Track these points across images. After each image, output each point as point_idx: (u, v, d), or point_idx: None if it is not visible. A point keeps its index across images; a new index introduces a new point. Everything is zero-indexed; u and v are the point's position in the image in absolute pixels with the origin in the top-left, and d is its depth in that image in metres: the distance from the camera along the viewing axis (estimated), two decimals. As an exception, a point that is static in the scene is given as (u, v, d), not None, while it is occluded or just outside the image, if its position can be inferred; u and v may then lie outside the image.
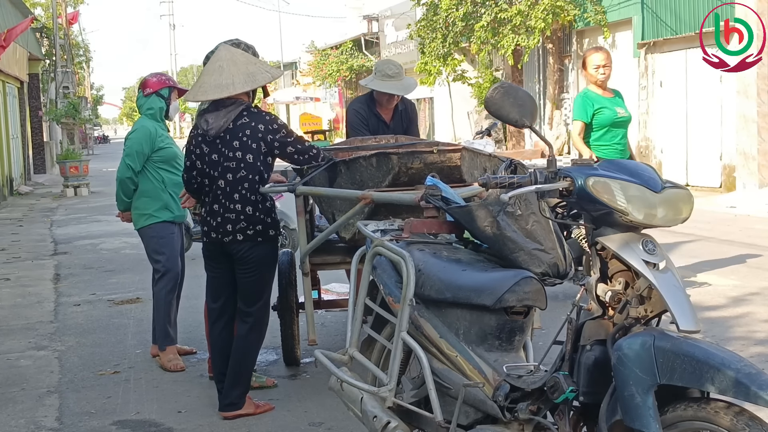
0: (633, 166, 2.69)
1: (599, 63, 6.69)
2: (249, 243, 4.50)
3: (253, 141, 4.44)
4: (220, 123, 4.45)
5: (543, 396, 2.76)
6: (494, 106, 2.92)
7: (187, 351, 5.85)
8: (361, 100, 6.21)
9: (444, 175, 4.13)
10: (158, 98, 5.67)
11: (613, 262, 2.64)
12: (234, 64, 4.48)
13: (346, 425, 4.30)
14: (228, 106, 4.46)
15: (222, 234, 4.52)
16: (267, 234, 4.54)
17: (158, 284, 5.68)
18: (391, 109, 6.12)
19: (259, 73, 4.52)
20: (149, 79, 5.75)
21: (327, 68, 36.47)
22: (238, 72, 4.45)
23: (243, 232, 4.49)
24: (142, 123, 5.67)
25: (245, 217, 4.48)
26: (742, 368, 2.32)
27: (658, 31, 16.95)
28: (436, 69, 21.70)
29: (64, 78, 34.85)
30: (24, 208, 17.77)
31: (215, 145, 4.48)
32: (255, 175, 4.47)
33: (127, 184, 5.61)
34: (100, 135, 71.82)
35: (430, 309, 3.08)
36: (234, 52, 4.57)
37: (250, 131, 4.44)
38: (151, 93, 5.67)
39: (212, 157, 4.50)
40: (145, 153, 5.58)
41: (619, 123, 6.76)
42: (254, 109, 4.53)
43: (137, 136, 5.61)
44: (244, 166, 4.44)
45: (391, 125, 6.10)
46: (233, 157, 4.45)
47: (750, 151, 14.20)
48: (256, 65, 4.55)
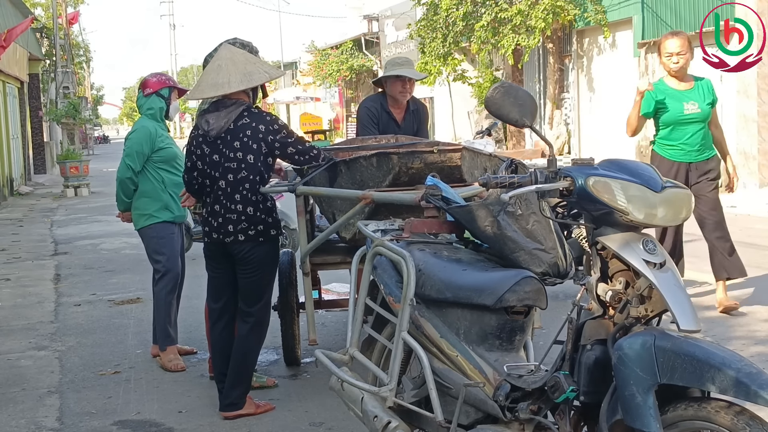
0: (633, 166, 2.69)
1: (672, 50, 6.00)
2: (250, 243, 4.50)
3: (253, 141, 4.44)
4: (220, 123, 4.45)
5: (544, 396, 2.76)
6: (494, 106, 2.92)
7: (188, 351, 5.85)
8: (373, 98, 6.22)
9: (444, 174, 4.13)
10: (158, 98, 5.67)
11: (613, 261, 2.64)
12: (233, 63, 4.48)
13: (346, 425, 4.30)
14: (229, 107, 4.46)
15: (223, 234, 4.52)
16: (268, 234, 4.55)
17: (158, 284, 5.68)
18: (403, 108, 6.11)
19: (257, 72, 4.52)
20: (149, 79, 5.74)
21: (327, 68, 36.45)
22: (236, 71, 4.45)
23: (244, 232, 4.49)
24: (142, 123, 5.67)
25: (246, 218, 4.48)
26: (743, 368, 2.33)
27: (658, 30, 16.95)
28: (436, 69, 21.70)
29: (64, 78, 34.82)
30: (24, 209, 17.77)
31: (216, 145, 4.48)
32: (255, 176, 4.47)
33: (127, 185, 5.61)
34: (101, 135, 71.84)
35: (430, 309, 3.09)
36: (234, 51, 4.57)
37: (251, 132, 4.44)
38: (151, 93, 5.67)
39: (213, 158, 4.50)
40: (145, 153, 5.58)
41: (685, 120, 6.04)
42: (255, 109, 4.53)
43: (137, 137, 5.60)
44: (245, 167, 4.44)
45: (402, 125, 6.10)
46: (234, 158, 4.44)
47: (750, 150, 14.20)
48: (255, 65, 4.55)
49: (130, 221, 5.76)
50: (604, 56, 19.49)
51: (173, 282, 5.68)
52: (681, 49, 6.00)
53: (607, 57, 19.33)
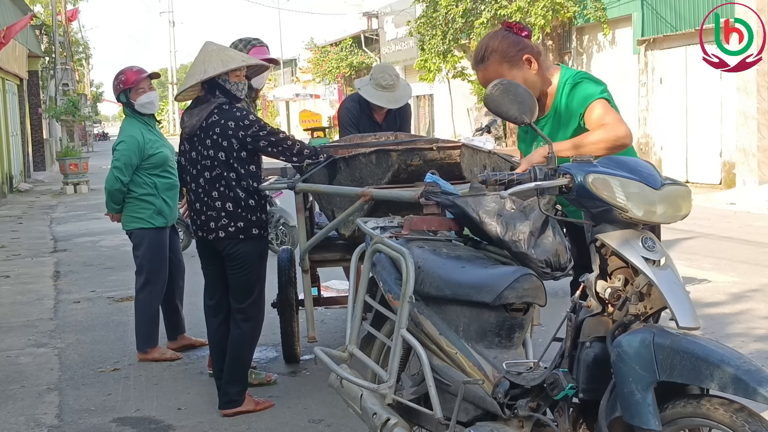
0: (632, 163, 2.69)
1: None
2: (232, 241, 4.50)
3: (223, 139, 4.42)
4: (193, 122, 4.48)
5: (543, 393, 2.76)
6: (493, 103, 2.92)
7: (202, 343, 5.78)
8: (354, 98, 6.19)
9: (444, 172, 4.11)
10: (125, 108, 5.59)
11: (612, 258, 2.64)
12: (208, 54, 4.52)
13: (345, 422, 4.30)
14: (202, 104, 4.48)
15: (206, 232, 4.53)
16: (249, 232, 4.52)
17: (143, 291, 5.64)
18: (383, 112, 6.10)
19: (234, 59, 4.52)
20: (128, 75, 5.55)
21: (327, 65, 36.44)
22: (211, 60, 4.47)
23: (224, 229, 4.49)
24: (129, 132, 5.55)
25: (226, 214, 4.48)
26: (742, 365, 2.32)
27: (657, 27, 16.94)
28: (435, 66, 21.69)
29: (63, 75, 34.79)
30: (24, 206, 17.77)
31: (193, 143, 4.52)
32: (230, 173, 4.45)
33: (116, 195, 5.55)
34: (100, 132, 71.81)
35: (429, 306, 3.08)
36: (209, 45, 4.60)
37: (220, 129, 4.43)
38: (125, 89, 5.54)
39: (191, 155, 4.53)
40: (134, 164, 5.52)
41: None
42: (225, 106, 4.48)
43: (125, 148, 5.51)
44: (218, 164, 4.45)
45: (384, 125, 6.08)
46: (207, 156, 4.46)
47: (750, 147, 14.20)
48: (229, 53, 4.57)
49: (119, 221, 5.72)
50: (603, 53, 19.48)
51: (159, 289, 5.65)
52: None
53: (606, 54, 19.32)
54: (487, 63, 3.47)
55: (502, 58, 3.44)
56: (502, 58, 3.44)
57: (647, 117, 17.25)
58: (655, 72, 17.05)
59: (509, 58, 3.44)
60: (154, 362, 5.63)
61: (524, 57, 3.44)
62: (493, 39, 3.50)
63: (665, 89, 16.76)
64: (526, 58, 3.44)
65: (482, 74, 3.51)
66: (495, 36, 3.51)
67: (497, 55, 3.45)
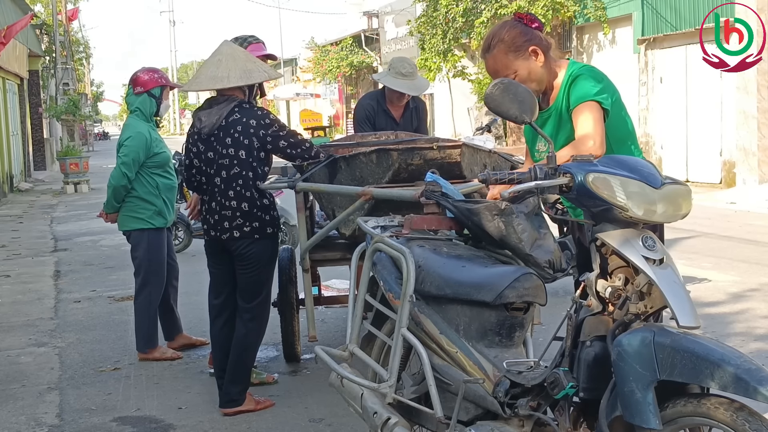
0: (633, 162, 2.69)
1: None
2: (246, 240, 4.50)
3: (245, 137, 4.43)
4: (212, 120, 4.47)
5: (543, 392, 2.76)
6: (494, 103, 2.92)
7: (202, 342, 5.81)
8: (372, 96, 6.24)
9: (444, 171, 4.12)
10: (149, 98, 5.57)
11: (612, 258, 2.64)
12: (233, 59, 4.49)
13: (346, 421, 4.30)
14: (221, 104, 4.48)
15: (220, 231, 4.53)
16: (264, 231, 4.54)
17: (143, 292, 5.64)
18: (401, 107, 6.13)
19: (256, 71, 4.53)
20: (140, 75, 5.61)
21: (327, 65, 36.41)
22: (236, 67, 4.46)
23: (239, 228, 4.49)
24: (137, 129, 5.55)
25: (241, 214, 4.48)
26: (742, 364, 2.33)
27: (658, 27, 16.94)
28: (436, 65, 21.67)
29: (64, 75, 34.78)
30: (24, 205, 17.77)
31: (210, 142, 4.49)
32: (248, 172, 4.47)
33: (121, 192, 5.55)
34: (100, 132, 71.79)
35: (430, 305, 3.08)
36: (236, 48, 4.59)
37: (242, 127, 4.44)
38: (142, 92, 5.58)
39: (208, 155, 4.51)
40: (141, 160, 5.53)
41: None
42: (246, 104, 4.51)
43: (134, 144, 5.50)
44: (237, 163, 4.45)
45: (401, 123, 6.10)
46: (226, 155, 4.45)
47: (750, 147, 14.19)
48: (254, 63, 4.56)
49: (114, 222, 5.71)
50: (603, 53, 19.47)
51: (158, 289, 5.65)
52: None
53: (606, 53, 19.31)
54: (494, 52, 3.45)
55: (507, 48, 3.42)
56: (507, 48, 3.42)
57: (647, 116, 17.25)
58: (656, 71, 17.05)
59: (515, 48, 3.41)
60: (155, 361, 5.63)
61: (530, 48, 3.42)
62: (501, 28, 3.48)
63: (665, 88, 16.75)
64: (533, 49, 3.41)
65: (488, 63, 3.50)
66: (504, 26, 3.49)
67: (503, 45, 3.43)
